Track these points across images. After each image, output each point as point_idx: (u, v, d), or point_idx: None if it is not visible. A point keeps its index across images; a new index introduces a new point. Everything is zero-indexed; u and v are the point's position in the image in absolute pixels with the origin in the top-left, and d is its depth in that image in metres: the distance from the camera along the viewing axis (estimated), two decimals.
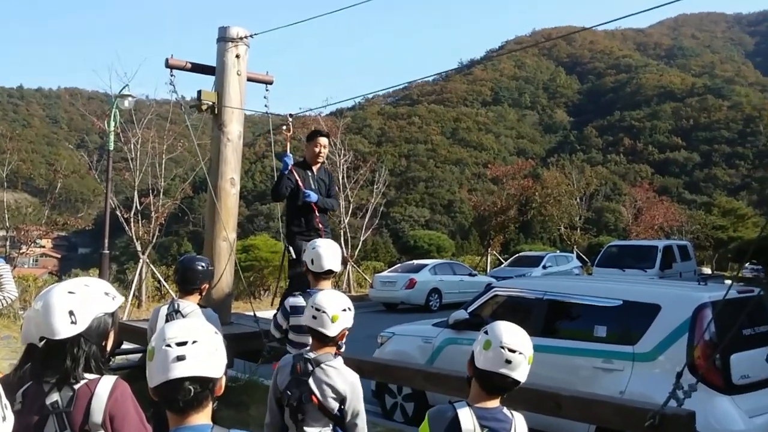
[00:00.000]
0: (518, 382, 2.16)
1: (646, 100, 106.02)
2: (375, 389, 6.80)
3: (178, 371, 1.60)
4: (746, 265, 29.04)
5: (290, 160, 5.34)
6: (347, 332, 2.89)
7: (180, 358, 1.61)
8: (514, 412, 2.21)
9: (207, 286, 4.05)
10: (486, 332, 2.22)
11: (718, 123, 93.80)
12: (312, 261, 3.98)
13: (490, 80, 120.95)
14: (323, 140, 5.43)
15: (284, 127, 5.99)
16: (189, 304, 3.90)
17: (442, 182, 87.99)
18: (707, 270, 35.14)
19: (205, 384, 1.64)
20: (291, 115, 6.20)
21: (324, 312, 2.75)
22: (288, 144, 5.77)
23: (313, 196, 5.27)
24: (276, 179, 5.50)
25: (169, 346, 1.62)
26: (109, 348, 2.02)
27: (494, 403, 2.18)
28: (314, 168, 5.44)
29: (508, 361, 2.12)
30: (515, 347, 2.14)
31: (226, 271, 6.06)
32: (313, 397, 2.68)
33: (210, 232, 6.14)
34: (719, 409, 4.46)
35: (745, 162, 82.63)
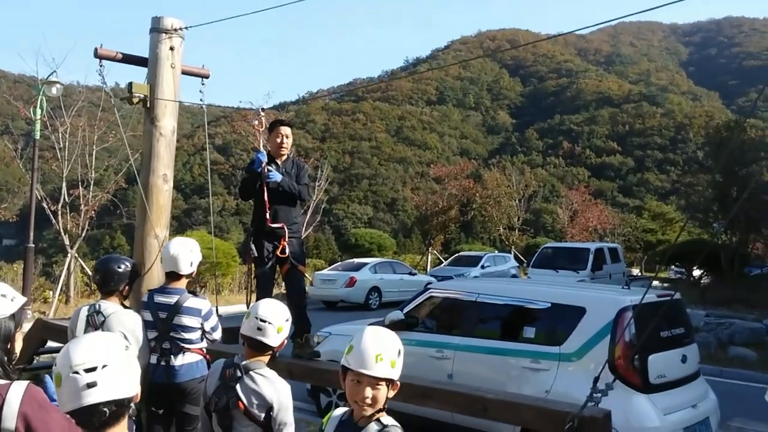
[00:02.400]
0: None
1: (585, 105, 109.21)
2: (310, 388, 6.80)
3: (92, 398, 1.55)
4: (672, 267, 30.36)
5: (264, 158, 5.05)
6: (285, 342, 2.90)
7: (91, 385, 1.54)
8: None
9: (128, 287, 3.96)
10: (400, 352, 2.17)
11: (652, 129, 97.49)
12: (162, 259, 3.97)
13: (435, 79, 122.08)
14: (285, 129, 5.17)
15: (255, 122, 5.78)
16: (110, 305, 3.82)
17: (386, 180, 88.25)
18: (636, 271, 36.51)
19: (120, 403, 1.60)
20: (263, 109, 6.00)
21: (270, 323, 2.75)
22: (260, 139, 5.62)
23: (277, 176, 4.97)
24: (244, 178, 5.24)
25: (77, 373, 1.55)
26: (17, 351, 1.95)
27: None
28: (279, 160, 5.19)
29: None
30: None
31: (156, 269, 5.90)
32: (240, 403, 2.67)
33: (141, 229, 5.95)
34: (636, 407, 4.67)
35: (676, 168, 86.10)
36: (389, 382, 2.10)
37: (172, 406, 3.88)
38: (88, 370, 1.55)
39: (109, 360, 1.58)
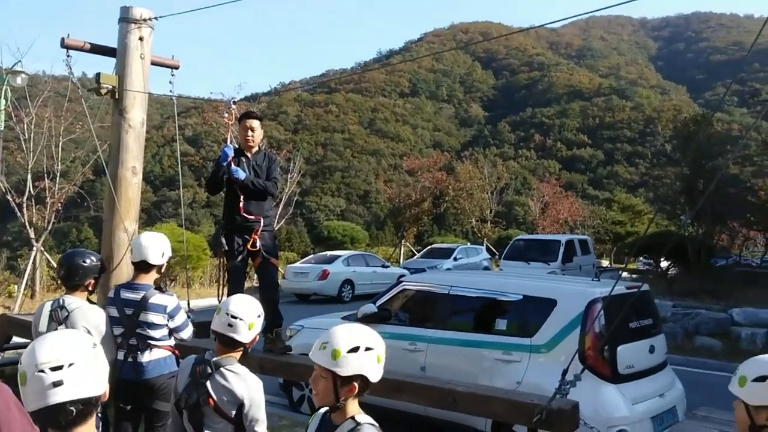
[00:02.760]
0: None
1: (557, 98, 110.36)
2: (282, 382, 6.77)
3: (58, 397, 1.51)
4: (640, 258, 30.93)
5: (231, 151, 4.97)
6: (257, 338, 2.87)
7: (57, 384, 1.51)
8: None
9: (94, 282, 3.88)
10: (370, 348, 2.10)
11: (621, 123, 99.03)
12: (131, 251, 3.92)
13: (408, 71, 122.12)
14: (252, 122, 5.06)
15: (226, 114, 5.69)
16: (75, 300, 3.74)
17: (359, 172, 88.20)
18: (606, 263, 37.11)
19: (87, 402, 1.57)
20: (234, 102, 5.88)
21: (241, 320, 2.71)
22: (229, 133, 5.53)
23: (241, 174, 4.89)
24: (212, 171, 5.15)
25: (42, 371, 1.51)
26: None
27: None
28: (249, 153, 5.10)
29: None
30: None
31: (127, 263, 5.82)
32: (210, 400, 2.65)
33: (109, 222, 5.86)
34: (605, 397, 4.74)
35: (644, 161, 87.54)
36: (336, 376, 2.02)
37: (141, 402, 3.83)
38: (54, 369, 1.51)
39: (75, 358, 1.55)
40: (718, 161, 19.37)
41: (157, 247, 3.92)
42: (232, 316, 2.71)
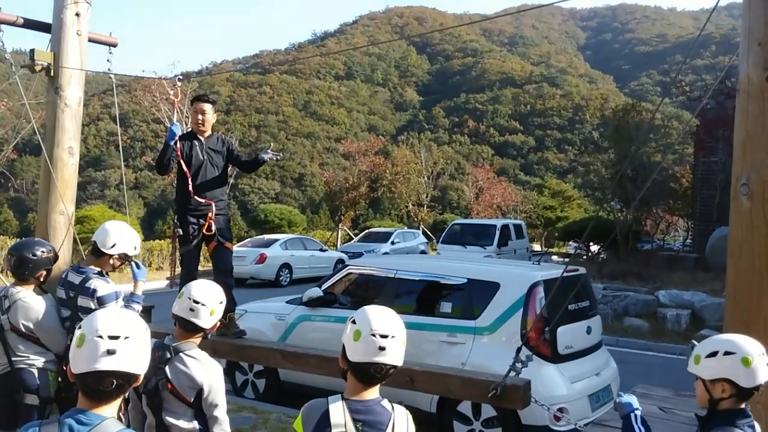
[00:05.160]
0: (395, 367, 2.03)
1: (490, 85, 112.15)
2: (225, 366, 6.71)
3: (106, 364, 1.61)
4: (569, 242, 32.08)
5: (177, 130, 4.85)
6: (219, 324, 2.86)
7: (110, 352, 1.61)
8: (395, 405, 2.06)
9: (45, 273, 3.74)
10: (354, 321, 2.04)
11: (552, 110, 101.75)
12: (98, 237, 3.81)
13: (343, 54, 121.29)
14: (203, 106, 4.95)
15: (171, 92, 5.52)
16: (20, 290, 3.63)
17: (293, 155, 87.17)
18: (537, 247, 38.27)
19: (127, 378, 1.66)
20: (180, 79, 5.71)
21: (203, 305, 2.69)
22: (175, 111, 5.39)
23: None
24: (161, 151, 5.02)
25: (101, 337, 1.62)
26: None
27: (371, 395, 2.03)
28: (202, 137, 4.99)
29: (382, 348, 1.97)
30: (386, 332, 1.99)
31: (64, 247, 5.61)
32: (169, 385, 2.64)
33: (44, 205, 5.62)
34: (546, 377, 4.94)
35: (573, 147, 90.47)
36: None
37: None
38: (111, 337, 1.63)
39: (132, 333, 1.67)
40: (644, 149, 20.29)
41: (112, 237, 3.77)
42: (195, 301, 2.69)
